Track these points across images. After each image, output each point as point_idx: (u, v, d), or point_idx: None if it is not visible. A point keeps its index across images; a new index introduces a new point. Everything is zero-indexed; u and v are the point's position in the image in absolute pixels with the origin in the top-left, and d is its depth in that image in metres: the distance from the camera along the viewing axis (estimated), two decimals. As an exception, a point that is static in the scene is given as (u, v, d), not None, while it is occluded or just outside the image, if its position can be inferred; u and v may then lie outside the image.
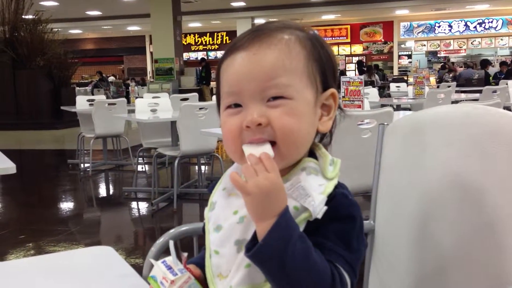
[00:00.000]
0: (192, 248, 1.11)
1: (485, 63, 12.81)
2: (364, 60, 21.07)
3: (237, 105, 0.72)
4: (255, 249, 0.63)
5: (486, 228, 0.90)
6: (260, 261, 0.64)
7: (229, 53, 0.74)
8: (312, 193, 0.69)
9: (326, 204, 0.68)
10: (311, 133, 0.73)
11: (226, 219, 0.73)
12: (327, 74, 0.75)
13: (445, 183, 0.94)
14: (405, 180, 1.03)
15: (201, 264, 0.78)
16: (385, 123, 1.10)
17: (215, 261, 0.73)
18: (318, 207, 0.67)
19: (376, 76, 14.01)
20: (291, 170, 0.73)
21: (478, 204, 0.90)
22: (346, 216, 0.68)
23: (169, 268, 0.72)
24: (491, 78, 11.62)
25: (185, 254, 0.75)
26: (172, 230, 1.05)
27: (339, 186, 0.71)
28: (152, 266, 0.75)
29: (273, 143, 0.70)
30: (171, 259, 0.73)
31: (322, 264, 0.64)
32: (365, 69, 15.62)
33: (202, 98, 11.55)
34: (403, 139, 1.05)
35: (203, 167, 5.68)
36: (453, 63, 17.56)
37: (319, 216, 0.67)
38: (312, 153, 0.76)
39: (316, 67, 0.73)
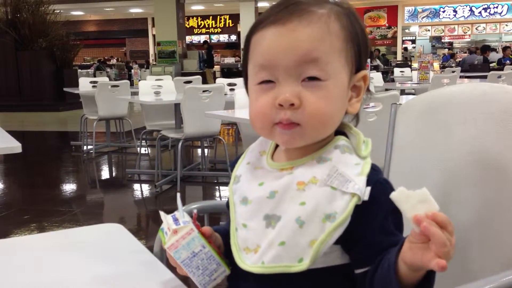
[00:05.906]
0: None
1: (485, 49, 12.63)
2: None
3: (269, 81, 0.70)
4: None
5: (505, 205, 0.89)
6: None
7: (262, 25, 0.71)
8: (352, 178, 0.68)
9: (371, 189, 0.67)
10: (340, 116, 0.72)
11: (253, 192, 0.73)
12: (361, 54, 0.73)
13: (462, 161, 0.93)
14: (420, 160, 1.02)
15: (222, 232, 0.80)
16: (398, 103, 1.09)
17: (242, 234, 0.73)
18: (362, 189, 0.67)
19: (378, 61, 13.94)
20: (324, 147, 0.72)
21: (496, 181, 0.89)
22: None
23: (176, 220, 0.75)
24: (495, 64, 11.48)
25: (195, 211, 0.79)
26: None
27: (374, 170, 0.71)
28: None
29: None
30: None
31: None
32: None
33: (204, 81, 11.51)
34: (417, 118, 1.04)
35: (206, 150, 5.68)
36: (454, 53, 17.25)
37: (366, 198, 0.67)
38: (338, 131, 0.75)
39: (353, 47, 0.71)
